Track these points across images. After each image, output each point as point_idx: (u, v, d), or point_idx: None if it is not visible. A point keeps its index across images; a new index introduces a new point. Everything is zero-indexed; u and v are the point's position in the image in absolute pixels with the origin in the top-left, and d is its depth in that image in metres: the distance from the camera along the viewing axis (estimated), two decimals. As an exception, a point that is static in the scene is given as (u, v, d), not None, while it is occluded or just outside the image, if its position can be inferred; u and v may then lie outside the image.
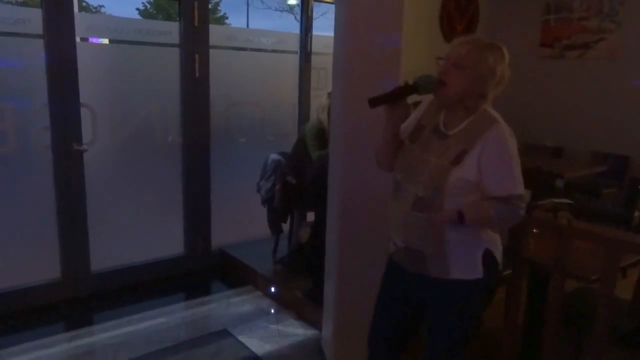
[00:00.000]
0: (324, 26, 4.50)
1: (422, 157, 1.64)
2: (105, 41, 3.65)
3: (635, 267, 2.30)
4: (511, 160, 1.59)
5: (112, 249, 3.58)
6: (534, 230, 2.33)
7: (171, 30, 3.64)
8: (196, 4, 3.61)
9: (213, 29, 3.78)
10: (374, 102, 1.56)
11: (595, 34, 4.61)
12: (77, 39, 3.25)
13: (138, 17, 13.52)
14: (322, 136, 3.44)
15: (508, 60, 1.64)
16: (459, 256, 1.65)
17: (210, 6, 3.85)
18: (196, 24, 3.63)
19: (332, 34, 2.59)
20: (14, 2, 3.74)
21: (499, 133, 1.58)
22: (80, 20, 3.27)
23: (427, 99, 1.72)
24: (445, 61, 1.61)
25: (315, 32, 4.37)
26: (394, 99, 1.57)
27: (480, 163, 1.55)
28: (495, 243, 1.72)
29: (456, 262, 1.64)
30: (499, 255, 1.73)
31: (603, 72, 4.60)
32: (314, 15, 4.39)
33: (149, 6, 14.15)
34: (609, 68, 4.56)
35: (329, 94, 3.60)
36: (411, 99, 1.67)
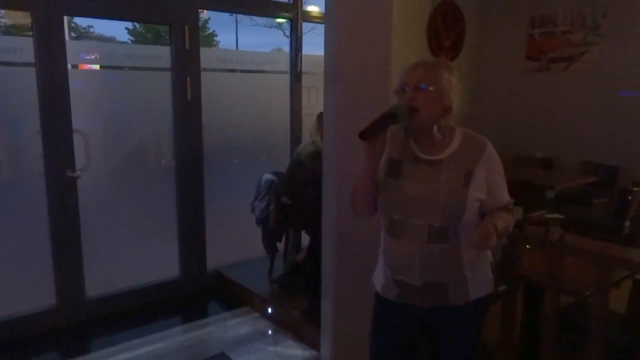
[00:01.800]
0: (313, 42, 4.56)
1: (421, 188, 1.61)
2: (97, 67, 3.68)
3: (629, 279, 2.32)
4: (503, 173, 1.70)
5: (107, 274, 3.57)
6: (527, 247, 2.36)
7: (162, 54, 3.67)
8: (187, 28, 3.65)
9: (204, 51, 3.82)
10: (364, 135, 1.53)
11: (580, 47, 4.70)
12: (69, 66, 3.27)
13: (127, 36, 13.56)
14: (320, 158, 3.47)
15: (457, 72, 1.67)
16: (476, 277, 1.68)
17: (199, 24, 3.89)
18: (187, 47, 3.67)
19: (321, 51, 2.62)
20: (2, 24, 3.75)
21: (493, 150, 1.67)
22: (71, 47, 3.29)
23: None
24: (405, 89, 1.61)
25: (304, 50, 4.42)
26: (380, 128, 1.53)
27: (488, 181, 1.63)
28: (490, 255, 1.77)
29: (474, 283, 1.68)
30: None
31: (589, 84, 4.68)
32: (303, 31, 4.44)
33: (138, 26, 14.20)
34: (594, 79, 4.64)
35: (319, 114, 3.63)
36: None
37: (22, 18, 3.24)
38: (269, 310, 3.54)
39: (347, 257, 2.58)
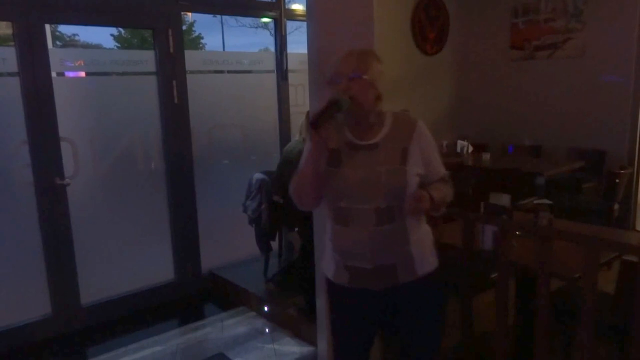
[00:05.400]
0: (300, 41, 4.57)
1: (362, 173, 1.65)
2: (82, 74, 3.66)
3: (618, 259, 2.35)
4: (437, 148, 1.78)
5: (101, 280, 3.56)
6: (517, 233, 2.38)
7: (147, 58, 3.66)
8: (170, 31, 3.64)
9: (189, 54, 3.82)
10: (315, 124, 1.55)
11: (563, 34, 4.74)
12: (54, 74, 3.26)
13: (113, 42, 13.46)
14: None
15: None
16: (421, 253, 1.73)
17: (184, 27, 3.88)
18: (171, 51, 3.66)
19: (306, 50, 2.62)
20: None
21: (424, 127, 1.74)
22: (55, 55, 3.28)
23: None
24: (339, 80, 1.64)
25: (290, 48, 4.42)
26: (328, 116, 1.56)
27: (423, 156, 1.70)
28: (431, 233, 1.83)
29: (420, 260, 1.73)
30: None
31: (573, 70, 4.73)
32: (288, 30, 4.45)
33: (123, 32, 14.09)
34: (578, 66, 4.69)
35: (308, 112, 3.63)
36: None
37: (3, 28, 3.22)
38: (265, 308, 3.55)
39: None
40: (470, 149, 4.86)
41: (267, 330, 3.38)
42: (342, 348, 1.90)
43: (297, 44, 4.62)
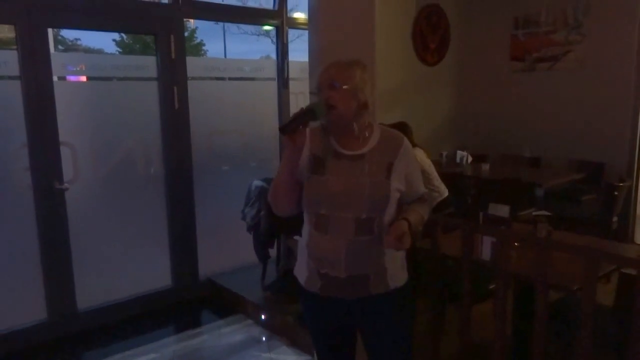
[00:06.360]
0: (302, 49, 4.58)
1: (346, 182, 1.65)
2: (84, 78, 3.67)
3: (617, 272, 2.35)
4: (419, 165, 1.84)
5: (98, 285, 3.54)
6: (515, 244, 2.38)
7: (148, 64, 3.67)
8: (172, 37, 3.65)
9: (190, 60, 3.83)
10: (285, 129, 1.56)
11: (563, 46, 4.76)
12: (55, 78, 3.27)
13: (115, 47, 13.51)
14: None
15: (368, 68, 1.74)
16: (394, 267, 1.74)
17: (186, 34, 3.89)
18: (173, 56, 3.67)
19: (307, 58, 2.64)
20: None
21: (409, 144, 1.77)
22: (57, 59, 3.29)
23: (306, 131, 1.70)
24: (321, 89, 1.66)
25: (291, 56, 4.44)
26: (300, 123, 1.57)
27: (406, 173, 1.73)
28: None
29: (392, 273, 1.74)
30: None
31: (573, 82, 4.75)
32: (290, 38, 4.47)
33: (125, 37, 14.12)
34: (578, 78, 4.71)
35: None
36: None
37: (6, 32, 3.24)
38: (263, 316, 3.53)
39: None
40: (470, 159, 4.86)
41: (263, 338, 3.36)
42: (320, 351, 1.93)
43: (299, 52, 4.63)
